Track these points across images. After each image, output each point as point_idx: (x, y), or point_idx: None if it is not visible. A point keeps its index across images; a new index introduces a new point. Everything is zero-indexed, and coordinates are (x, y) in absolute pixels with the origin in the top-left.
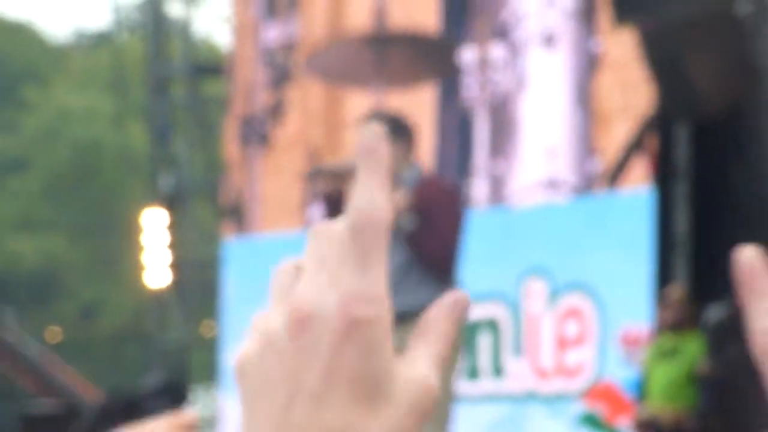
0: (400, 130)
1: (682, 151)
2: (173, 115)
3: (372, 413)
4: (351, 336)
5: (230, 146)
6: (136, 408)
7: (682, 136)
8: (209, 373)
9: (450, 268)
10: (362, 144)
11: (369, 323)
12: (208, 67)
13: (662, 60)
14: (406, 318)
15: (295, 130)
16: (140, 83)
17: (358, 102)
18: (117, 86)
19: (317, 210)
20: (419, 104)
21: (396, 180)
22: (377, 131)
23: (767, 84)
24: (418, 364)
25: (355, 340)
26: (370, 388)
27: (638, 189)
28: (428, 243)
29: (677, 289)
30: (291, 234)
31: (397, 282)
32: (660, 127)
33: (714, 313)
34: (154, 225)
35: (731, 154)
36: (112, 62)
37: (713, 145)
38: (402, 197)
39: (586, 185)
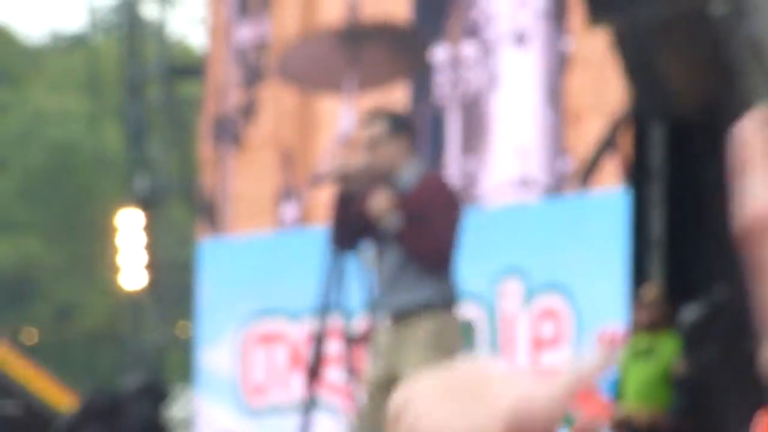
0: (400, 126)
1: (657, 151)
2: (148, 117)
3: None
4: None
5: (203, 146)
6: (117, 409)
7: (657, 136)
8: (185, 373)
9: (445, 266)
10: None
11: None
12: (184, 68)
13: (636, 60)
14: (403, 316)
15: (267, 130)
16: (115, 85)
17: (331, 101)
18: (92, 88)
19: (292, 210)
20: (392, 102)
21: (391, 180)
22: None
23: (741, 84)
24: None
25: None
26: None
27: (612, 189)
28: (419, 241)
29: (652, 290)
30: (265, 235)
31: (393, 280)
32: (634, 127)
33: (689, 313)
34: (129, 226)
35: (706, 154)
36: (88, 64)
37: (688, 145)
38: (385, 198)
39: (557, 184)
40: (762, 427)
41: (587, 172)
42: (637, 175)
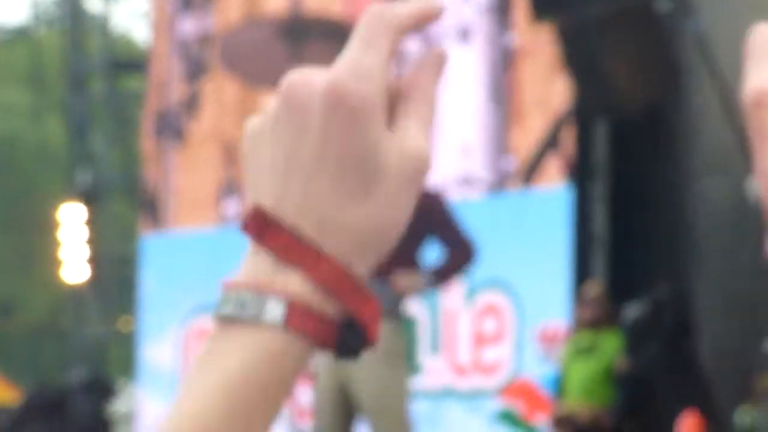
0: None
1: (600, 149)
2: (91, 111)
3: (363, 193)
4: (337, 113)
5: (146, 140)
6: (61, 404)
7: (600, 134)
8: (127, 368)
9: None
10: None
11: (355, 99)
12: (127, 62)
13: (580, 57)
14: None
15: (210, 124)
16: (58, 78)
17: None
18: (35, 81)
19: (234, 205)
20: None
21: None
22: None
23: (685, 82)
24: (410, 134)
25: (342, 118)
26: (361, 166)
27: (555, 186)
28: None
29: (595, 287)
30: (207, 230)
31: None
32: (577, 124)
33: (631, 311)
34: (71, 220)
35: (649, 152)
36: (30, 57)
37: (631, 143)
38: (416, 279)
39: (500, 182)
40: (686, 428)
41: (530, 171)
42: (580, 173)
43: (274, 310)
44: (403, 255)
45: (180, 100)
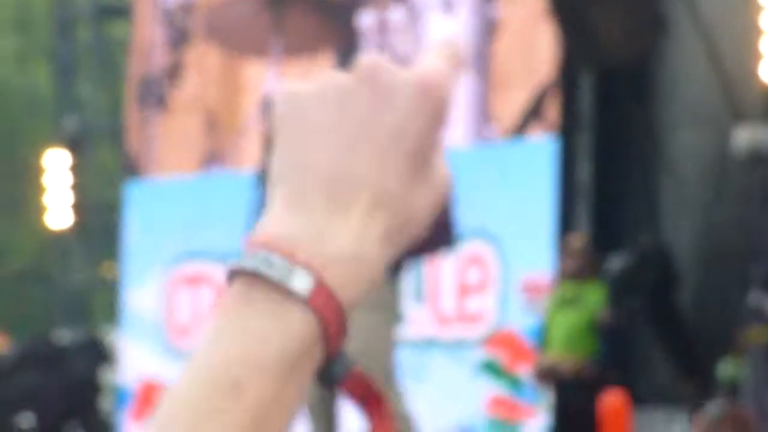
0: None
1: (586, 100)
2: (78, 57)
3: (421, 179)
4: (424, 102)
5: (129, 107)
6: (55, 359)
7: (586, 85)
8: (111, 314)
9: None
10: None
11: (443, 92)
12: (113, 8)
13: (567, 8)
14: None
15: (192, 93)
16: (45, 24)
17: (257, 65)
18: (21, 26)
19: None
20: (316, 68)
21: None
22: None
23: (671, 34)
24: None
25: (427, 107)
26: (426, 155)
27: (541, 137)
28: None
29: (579, 238)
30: (191, 177)
31: None
32: (563, 75)
33: (615, 262)
34: (56, 166)
35: (634, 104)
36: (17, 2)
37: (617, 95)
38: None
39: None
40: (608, 407)
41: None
42: (566, 124)
43: (301, 281)
44: None
45: (163, 68)
